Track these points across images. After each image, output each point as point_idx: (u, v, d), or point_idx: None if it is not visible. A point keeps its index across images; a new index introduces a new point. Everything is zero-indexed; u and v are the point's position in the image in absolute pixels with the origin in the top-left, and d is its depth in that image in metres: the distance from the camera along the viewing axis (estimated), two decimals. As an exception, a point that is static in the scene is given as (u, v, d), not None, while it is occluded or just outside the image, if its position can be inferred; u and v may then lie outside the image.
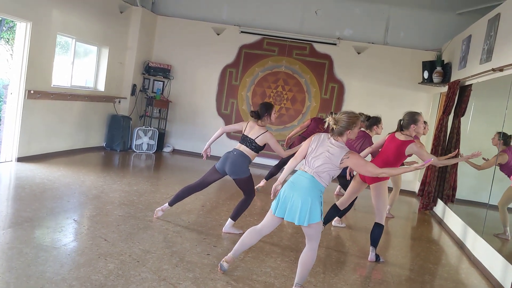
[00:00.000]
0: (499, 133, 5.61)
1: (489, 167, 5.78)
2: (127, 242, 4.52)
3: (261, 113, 5.15)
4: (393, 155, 4.94)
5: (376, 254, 5.07)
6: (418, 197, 8.40)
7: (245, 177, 5.13)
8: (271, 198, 3.88)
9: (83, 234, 4.63)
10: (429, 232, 7.01)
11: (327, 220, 5.36)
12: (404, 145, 4.87)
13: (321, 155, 3.78)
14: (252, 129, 5.17)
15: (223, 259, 4.11)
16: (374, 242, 5.05)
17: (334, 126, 3.79)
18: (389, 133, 5.33)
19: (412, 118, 4.96)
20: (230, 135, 10.55)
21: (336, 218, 6.55)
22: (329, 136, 3.86)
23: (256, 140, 5.10)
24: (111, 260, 4.02)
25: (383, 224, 5.04)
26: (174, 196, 5.41)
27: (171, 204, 5.40)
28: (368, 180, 5.03)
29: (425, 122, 6.37)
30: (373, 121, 6.44)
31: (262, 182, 4.81)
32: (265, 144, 5.15)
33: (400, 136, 4.97)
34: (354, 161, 3.78)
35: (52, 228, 4.67)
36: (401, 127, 5.03)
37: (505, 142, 5.54)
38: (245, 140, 5.18)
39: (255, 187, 4.89)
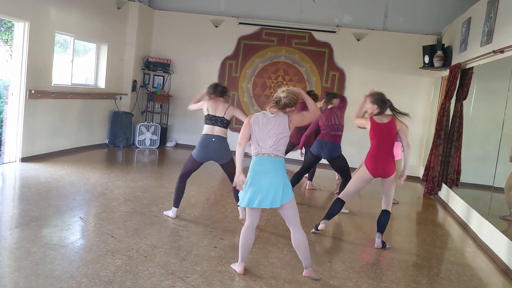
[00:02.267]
0: None
1: None
2: (134, 237, 4.55)
3: (225, 90, 5.40)
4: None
5: (382, 240, 5.08)
6: (423, 182, 8.40)
7: (231, 158, 5.22)
8: (237, 189, 3.89)
9: (90, 232, 4.65)
10: (435, 216, 7.02)
11: (331, 214, 5.28)
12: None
13: (270, 131, 3.82)
14: (217, 108, 5.23)
15: (237, 268, 4.04)
16: (382, 228, 5.06)
17: (283, 98, 3.81)
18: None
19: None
20: (232, 128, 10.56)
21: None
22: (267, 111, 3.90)
23: (225, 117, 5.19)
24: (118, 256, 4.04)
25: (390, 211, 5.06)
26: (174, 197, 5.40)
27: (176, 205, 5.39)
28: (384, 174, 4.98)
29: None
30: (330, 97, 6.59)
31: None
32: (231, 119, 5.27)
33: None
34: (297, 118, 3.92)
35: (59, 227, 4.70)
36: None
37: None
38: (216, 120, 5.19)
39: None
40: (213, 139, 5.15)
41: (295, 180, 6.65)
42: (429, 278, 4.42)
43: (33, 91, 7.34)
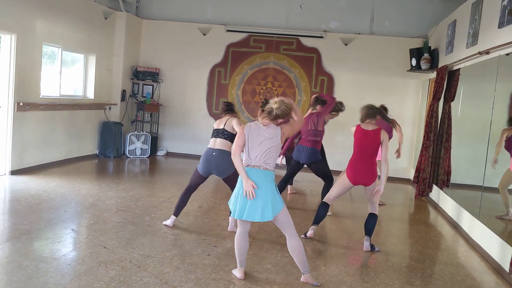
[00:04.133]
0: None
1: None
2: (127, 248, 4.52)
3: (232, 108, 5.37)
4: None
5: (371, 243, 5.10)
6: (414, 184, 8.45)
7: (232, 172, 5.16)
8: (250, 199, 3.81)
9: (82, 243, 4.62)
10: (427, 218, 7.06)
11: (318, 219, 5.30)
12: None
13: (262, 143, 3.82)
14: (221, 122, 5.24)
15: (238, 274, 4.05)
16: (369, 232, 5.10)
17: (275, 109, 3.79)
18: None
19: None
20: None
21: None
22: (259, 122, 3.90)
23: (225, 128, 5.15)
24: (112, 267, 4.02)
25: (377, 214, 5.12)
26: (176, 205, 5.37)
27: (176, 214, 5.37)
28: (364, 183, 5.01)
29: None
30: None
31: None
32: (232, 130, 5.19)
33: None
34: (288, 129, 3.89)
35: (50, 239, 4.66)
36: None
37: None
38: (218, 132, 5.18)
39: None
40: (214, 153, 5.13)
41: (281, 187, 6.67)
42: (422, 279, 4.44)
43: (21, 104, 7.29)
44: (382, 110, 5.24)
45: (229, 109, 5.34)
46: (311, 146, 6.30)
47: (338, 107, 7.07)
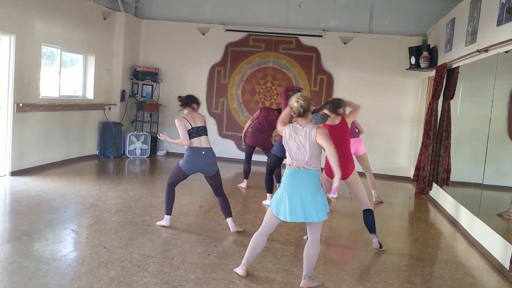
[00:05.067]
0: None
1: None
2: (127, 248, 4.53)
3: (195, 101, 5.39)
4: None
5: (378, 241, 5.08)
6: (414, 182, 8.45)
7: (217, 170, 5.28)
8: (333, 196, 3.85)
9: (82, 244, 4.63)
10: (427, 216, 7.06)
11: None
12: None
13: (302, 145, 3.80)
14: (194, 119, 5.21)
15: (240, 271, 4.07)
16: (371, 228, 5.07)
17: (301, 107, 3.80)
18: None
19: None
20: (222, 134, 10.60)
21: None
22: (295, 122, 3.89)
23: (204, 124, 5.26)
24: (112, 267, 4.02)
25: (371, 208, 5.09)
26: (165, 205, 5.38)
27: (169, 212, 5.37)
28: (343, 176, 4.95)
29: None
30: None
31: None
32: None
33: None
34: (323, 137, 3.80)
35: (51, 240, 4.67)
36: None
37: None
38: (198, 131, 5.18)
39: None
40: (203, 152, 5.15)
41: (268, 184, 6.79)
42: (422, 277, 4.45)
43: (21, 104, 7.29)
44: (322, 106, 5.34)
45: (184, 103, 5.30)
46: None
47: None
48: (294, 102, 3.82)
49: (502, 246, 4.76)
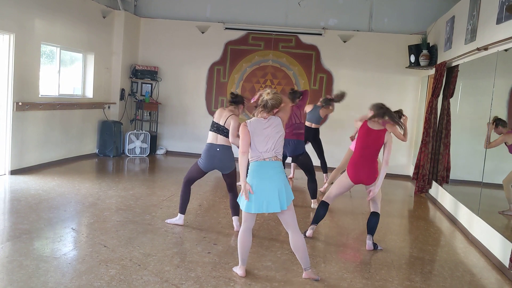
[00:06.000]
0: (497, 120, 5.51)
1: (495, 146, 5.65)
2: (127, 246, 4.53)
3: (238, 100, 5.24)
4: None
5: (373, 242, 5.09)
6: (413, 181, 8.46)
7: (234, 168, 5.21)
8: (245, 199, 3.86)
9: (82, 242, 4.63)
10: (426, 214, 7.07)
11: (317, 219, 5.26)
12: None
13: (268, 135, 3.87)
14: (221, 115, 5.15)
15: (239, 271, 4.07)
16: (372, 230, 5.06)
17: (269, 100, 3.87)
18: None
19: None
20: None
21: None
22: (257, 117, 3.93)
23: (225, 126, 5.10)
24: (112, 265, 4.03)
25: (380, 213, 5.09)
26: (180, 203, 5.36)
27: (183, 211, 5.37)
28: (366, 181, 4.95)
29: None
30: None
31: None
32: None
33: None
34: (283, 115, 4.00)
35: (51, 239, 4.67)
36: None
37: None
38: (218, 129, 5.11)
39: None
40: (218, 149, 5.11)
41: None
42: (422, 275, 4.45)
43: (20, 103, 7.29)
44: (391, 111, 5.03)
45: (234, 100, 5.23)
46: (296, 138, 6.45)
47: (336, 99, 7.50)
48: (265, 94, 3.91)
49: (502, 244, 4.77)
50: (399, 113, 6.27)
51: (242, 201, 3.93)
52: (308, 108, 7.88)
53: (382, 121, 5.00)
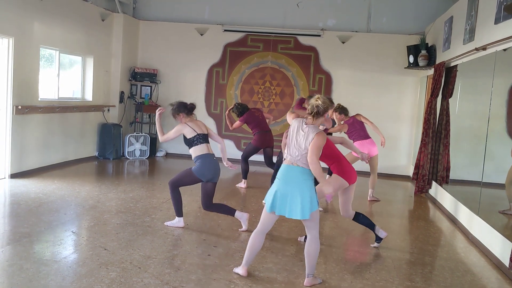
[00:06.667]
0: None
1: None
2: (127, 249, 4.53)
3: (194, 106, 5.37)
4: None
5: (377, 234, 5.12)
6: (413, 181, 8.46)
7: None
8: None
9: (82, 245, 4.63)
10: (426, 214, 7.07)
11: None
12: None
13: (298, 143, 3.84)
14: (200, 126, 5.25)
15: (241, 271, 4.07)
16: (371, 225, 5.11)
17: (317, 107, 3.83)
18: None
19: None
20: (222, 135, 10.59)
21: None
22: (305, 121, 3.91)
23: (207, 132, 5.29)
24: (112, 268, 4.02)
25: (354, 211, 5.16)
26: (175, 208, 5.37)
27: (180, 214, 5.38)
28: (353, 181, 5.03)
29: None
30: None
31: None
32: None
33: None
34: (312, 145, 3.82)
35: (51, 242, 4.67)
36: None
37: None
38: (205, 139, 5.22)
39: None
40: (214, 158, 5.20)
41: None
42: (423, 275, 4.45)
43: (20, 107, 7.29)
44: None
45: (181, 111, 5.31)
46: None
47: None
48: (314, 100, 3.87)
49: (502, 243, 4.77)
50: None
51: (268, 200, 3.91)
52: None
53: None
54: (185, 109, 5.26)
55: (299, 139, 3.84)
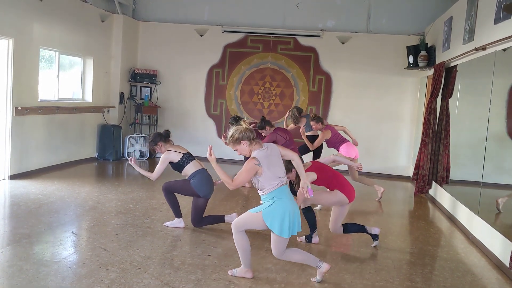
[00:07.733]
0: None
1: None
2: (127, 250, 4.53)
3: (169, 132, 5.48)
4: None
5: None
6: (413, 181, 8.45)
7: None
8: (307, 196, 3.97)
9: (82, 246, 4.63)
10: (426, 214, 7.07)
11: (313, 224, 5.25)
12: None
13: (278, 164, 3.95)
14: (181, 147, 5.45)
15: (248, 275, 4.07)
16: (361, 229, 5.15)
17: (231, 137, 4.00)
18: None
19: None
20: (221, 136, 10.59)
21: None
22: (259, 149, 3.96)
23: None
24: (112, 269, 4.02)
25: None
26: (173, 211, 5.42)
27: (179, 215, 5.42)
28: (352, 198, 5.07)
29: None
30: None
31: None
32: None
33: None
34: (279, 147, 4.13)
35: (51, 243, 4.67)
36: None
37: None
38: (192, 156, 5.39)
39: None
40: (208, 172, 5.32)
41: None
42: (423, 275, 4.45)
43: (19, 108, 7.29)
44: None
45: (160, 140, 5.35)
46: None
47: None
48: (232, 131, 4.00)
49: (502, 243, 4.76)
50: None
51: (277, 227, 3.80)
52: (303, 122, 8.13)
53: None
54: (161, 137, 5.33)
55: (276, 160, 3.96)
